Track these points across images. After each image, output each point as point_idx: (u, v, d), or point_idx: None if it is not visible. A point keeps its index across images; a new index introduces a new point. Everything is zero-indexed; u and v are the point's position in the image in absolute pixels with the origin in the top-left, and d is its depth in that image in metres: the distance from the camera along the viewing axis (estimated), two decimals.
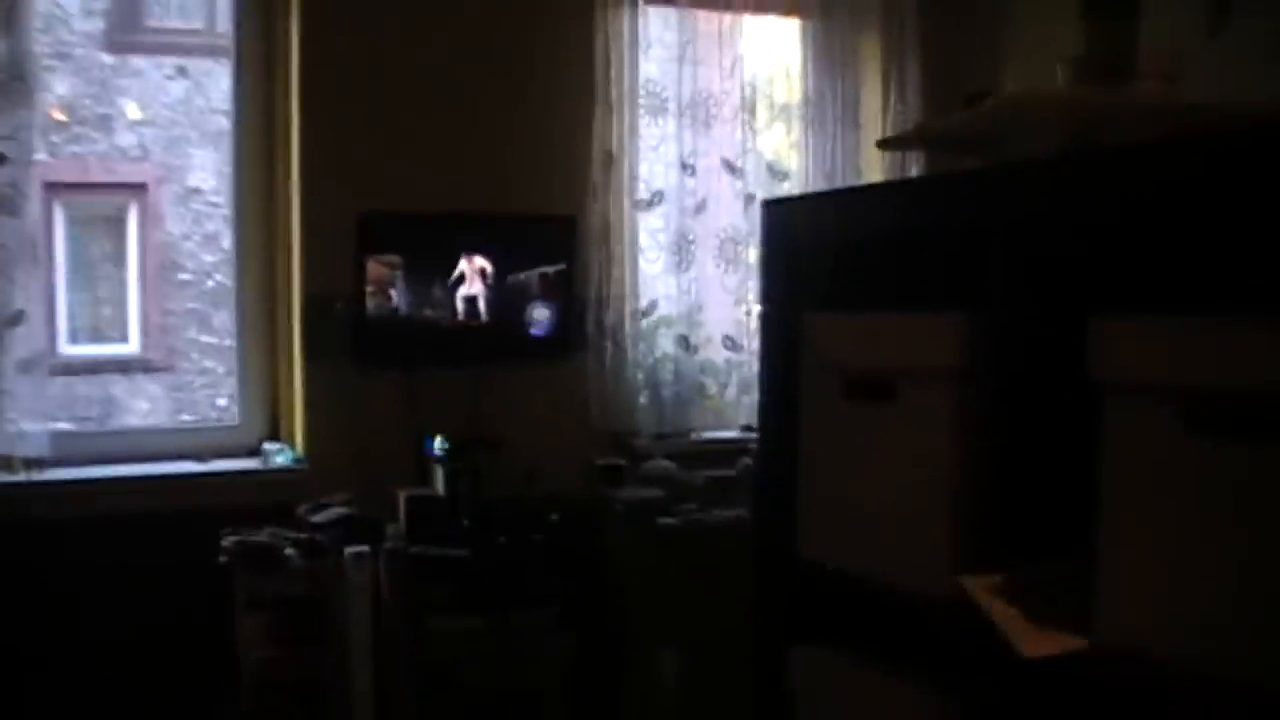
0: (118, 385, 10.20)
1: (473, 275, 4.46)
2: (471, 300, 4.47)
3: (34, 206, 4.02)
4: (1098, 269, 1.84)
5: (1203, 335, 1.55)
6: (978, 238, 1.96)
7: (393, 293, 4.39)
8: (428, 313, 4.45)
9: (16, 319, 3.95)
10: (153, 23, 10.13)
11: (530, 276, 4.57)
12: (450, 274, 4.45)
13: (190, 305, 10.31)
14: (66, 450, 4.20)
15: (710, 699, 4.06)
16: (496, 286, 4.51)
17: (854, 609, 2.19)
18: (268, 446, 4.42)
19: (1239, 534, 1.52)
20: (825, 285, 2.37)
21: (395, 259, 4.37)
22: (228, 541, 3.86)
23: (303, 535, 3.92)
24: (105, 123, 10.08)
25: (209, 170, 10.06)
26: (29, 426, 4.02)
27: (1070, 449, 1.76)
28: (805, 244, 2.44)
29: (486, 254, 4.49)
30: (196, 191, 10.20)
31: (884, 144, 4.32)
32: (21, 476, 4.04)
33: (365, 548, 3.89)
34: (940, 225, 2.07)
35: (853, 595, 2.16)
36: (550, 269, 4.60)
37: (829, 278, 2.38)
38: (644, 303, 4.87)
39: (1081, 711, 1.76)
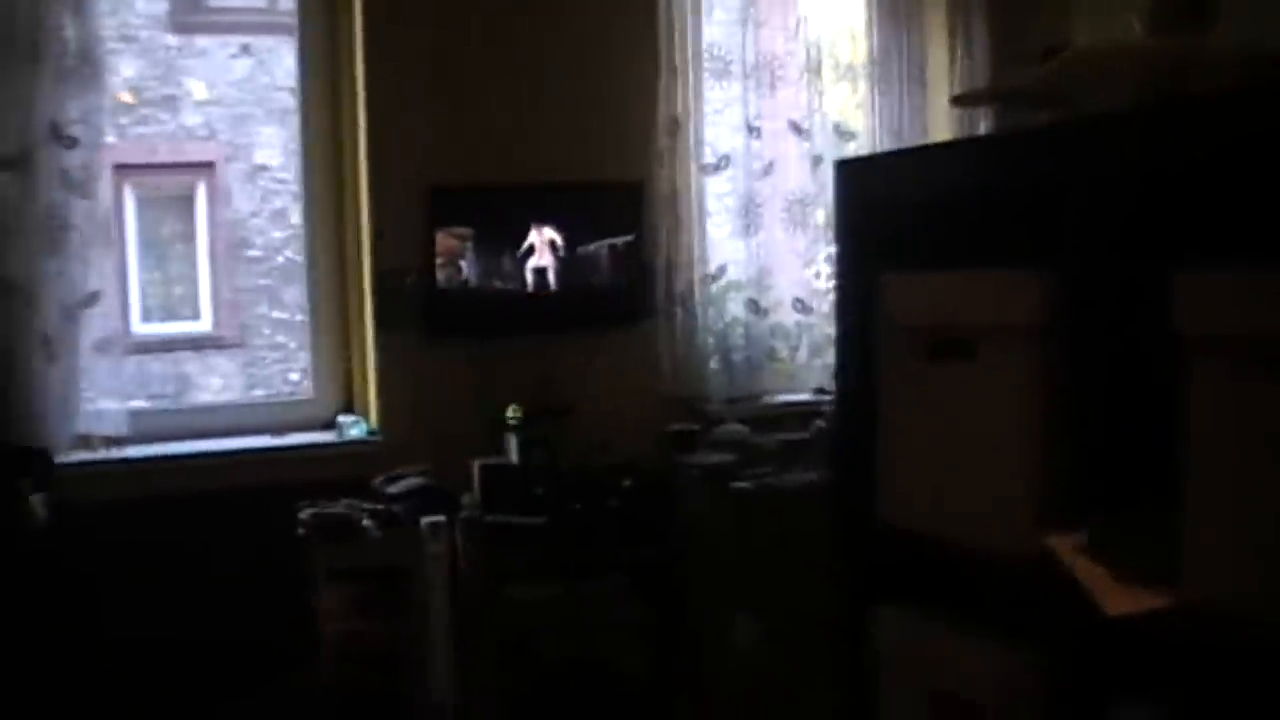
0: (191, 363, 10.31)
1: (542, 246, 4.47)
2: (541, 271, 4.48)
3: (105, 188, 4.05)
4: (1177, 222, 1.81)
5: None
6: (1055, 193, 1.94)
7: (463, 265, 4.40)
8: (498, 284, 4.45)
9: (91, 300, 3.99)
10: (215, 2, 10.20)
11: (599, 244, 4.57)
12: (520, 244, 4.45)
13: (261, 281, 10.40)
14: (144, 428, 4.24)
15: (786, 663, 4.06)
16: (566, 255, 4.51)
17: (935, 570, 2.18)
18: (342, 419, 4.44)
19: None
20: (900, 245, 2.35)
21: (465, 231, 4.38)
22: (305, 514, 3.89)
23: (379, 507, 3.94)
24: (171, 103, 10.17)
25: (276, 147, 10.12)
26: (106, 405, 4.07)
27: (1153, 404, 1.73)
28: (878, 204, 2.42)
29: (555, 223, 4.49)
30: (264, 169, 10.27)
31: (957, 101, 4.27)
32: (101, 454, 4.09)
33: (441, 518, 3.91)
34: (1016, 182, 2.04)
35: (933, 556, 2.14)
36: (619, 236, 4.59)
37: (903, 237, 2.35)
38: (713, 267, 4.85)
39: (1168, 668, 1.75)
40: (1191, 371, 1.64)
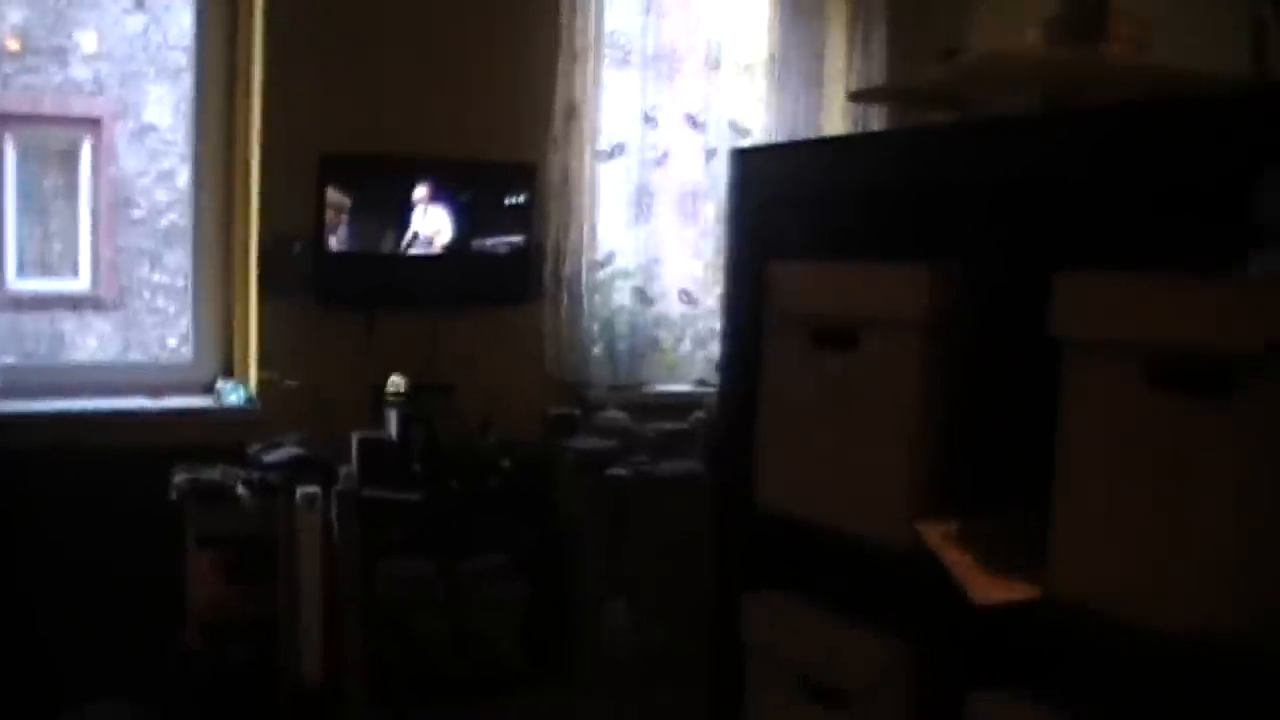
0: (67, 321, 10.11)
1: (432, 218, 4.45)
2: (430, 243, 4.46)
3: None
4: (1066, 227, 1.86)
5: (1162, 292, 1.57)
6: (947, 193, 1.97)
7: (352, 233, 4.36)
8: (386, 254, 4.43)
9: None
10: None
11: (490, 220, 4.56)
12: (410, 216, 4.43)
13: (143, 244, 10.23)
14: (16, 383, 4.17)
15: (658, 647, 4.09)
16: (457, 230, 4.49)
17: (811, 557, 2.21)
18: (221, 385, 4.39)
19: (1195, 488, 1.54)
20: (792, 236, 2.38)
21: (355, 199, 4.35)
22: (178, 478, 3.85)
23: (254, 474, 3.91)
24: (59, 55, 9.94)
25: (165, 107, 9.95)
26: None
27: (1034, 403, 1.77)
28: (773, 194, 2.44)
29: (447, 197, 4.47)
30: (152, 128, 10.09)
31: (855, 96, 4.32)
32: None
33: (316, 489, 3.88)
34: (911, 179, 2.08)
35: (810, 543, 2.17)
36: (510, 215, 4.58)
37: (796, 229, 2.38)
38: (601, 254, 4.87)
39: (1034, 660, 1.79)
40: (1066, 373, 1.68)
